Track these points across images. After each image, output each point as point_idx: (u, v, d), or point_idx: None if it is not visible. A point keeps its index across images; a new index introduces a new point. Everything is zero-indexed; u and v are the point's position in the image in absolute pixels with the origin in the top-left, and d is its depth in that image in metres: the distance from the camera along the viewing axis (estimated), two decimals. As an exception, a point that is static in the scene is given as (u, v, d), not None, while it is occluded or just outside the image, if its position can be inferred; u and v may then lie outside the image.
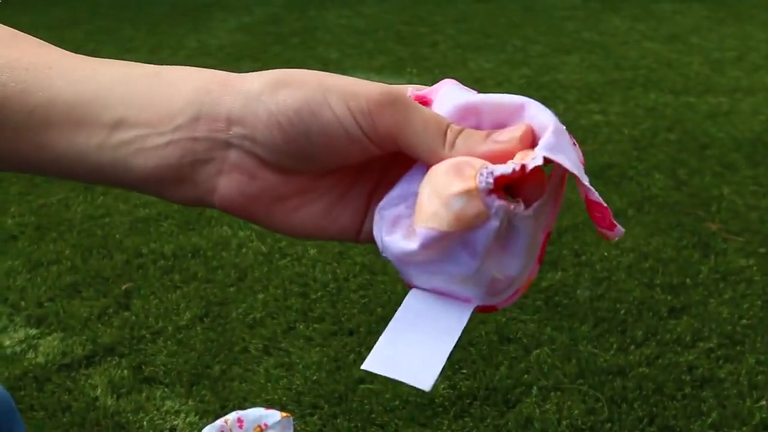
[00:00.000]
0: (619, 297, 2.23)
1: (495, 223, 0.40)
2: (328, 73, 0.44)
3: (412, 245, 0.42)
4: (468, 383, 1.92)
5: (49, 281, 2.43)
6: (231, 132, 0.44)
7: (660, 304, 2.19)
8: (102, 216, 2.87)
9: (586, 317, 2.13)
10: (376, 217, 0.44)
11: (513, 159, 0.41)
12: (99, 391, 1.95)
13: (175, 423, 1.84)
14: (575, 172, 0.41)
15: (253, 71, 0.44)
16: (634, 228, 2.58)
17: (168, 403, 1.90)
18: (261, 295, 2.30)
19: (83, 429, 1.84)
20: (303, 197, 0.46)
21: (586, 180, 0.41)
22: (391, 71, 4.34)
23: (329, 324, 2.16)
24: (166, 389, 1.95)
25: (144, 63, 0.47)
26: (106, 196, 3.04)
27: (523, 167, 0.40)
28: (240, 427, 1.50)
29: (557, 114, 0.43)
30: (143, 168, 0.45)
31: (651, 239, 2.51)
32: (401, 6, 5.89)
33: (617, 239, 0.40)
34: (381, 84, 0.43)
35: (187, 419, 1.85)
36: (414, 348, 0.42)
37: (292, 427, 1.49)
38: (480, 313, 0.43)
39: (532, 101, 0.44)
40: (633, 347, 2.02)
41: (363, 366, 0.41)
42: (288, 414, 1.51)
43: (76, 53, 0.49)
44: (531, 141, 0.42)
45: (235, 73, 0.45)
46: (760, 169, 2.97)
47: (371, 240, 0.47)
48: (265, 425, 1.49)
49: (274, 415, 1.51)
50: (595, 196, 0.41)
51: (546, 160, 0.40)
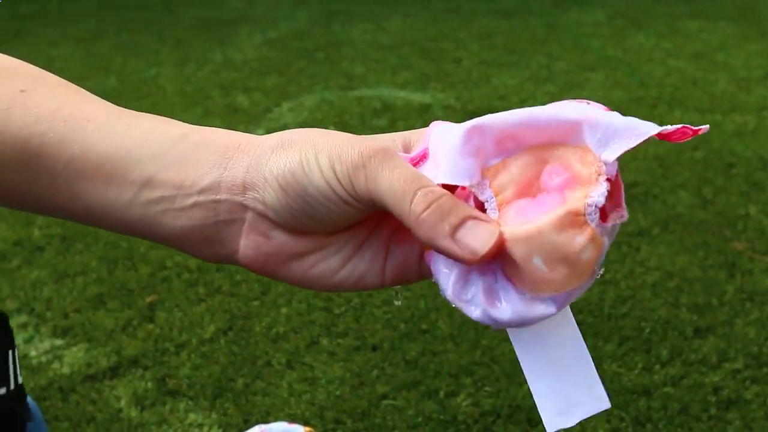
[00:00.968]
0: (644, 316, 2.21)
1: (608, 244, 0.39)
2: (327, 132, 0.46)
3: (550, 309, 0.41)
4: (491, 401, 1.91)
5: (75, 292, 2.44)
6: (246, 195, 0.46)
7: (685, 323, 2.17)
8: (127, 228, 2.89)
9: (610, 336, 2.12)
10: (456, 300, 0.42)
11: (581, 179, 0.40)
12: (123, 403, 1.96)
13: (199, 436, 1.85)
14: (638, 139, 0.40)
15: (279, 85, 0.45)
16: (659, 246, 2.57)
17: (191, 416, 1.91)
18: (284, 309, 2.31)
19: (107, 440, 1.85)
20: (318, 254, 0.47)
21: (650, 128, 0.40)
22: (415, 87, 4.35)
23: (352, 339, 2.16)
24: (189, 402, 1.96)
25: (169, 78, 0.49)
26: (131, 208, 3.06)
27: (612, 182, 0.39)
28: (264, 442, 1.50)
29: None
30: (171, 227, 0.47)
31: (676, 258, 2.50)
32: (425, 22, 5.91)
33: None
34: (367, 142, 0.44)
35: (211, 432, 1.85)
36: (568, 383, 0.42)
37: (315, 443, 1.49)
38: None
39: (560, 110, 0.42)
40: (658, 367, 2.01)
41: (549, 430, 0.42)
42: (311, 429, 1.51)
43: (104, 68, 0.51)
44: (501, 245, 0.40)
45: (254, 136, 0.47)
46: (786, 189, 2.95)
47: (398, 282, 0.48)
48: (289, 440, 1.49)
49: (297, 430, 1.52)
50: (670, 129, 0.40)
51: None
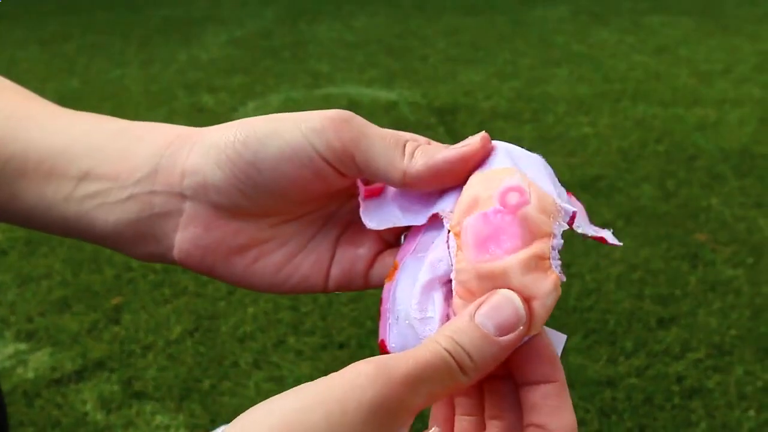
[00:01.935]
0: (609, 308, 2.23)
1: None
2: (290, 112, 0.44)
3: None
4: (458, 395, 1.91)
5: (39, 296, 2.42)
6: (184, 183, 0.44)
7: (649, 314, 2.19)
8: (92, 230, 2.86)
9: (576, 329, 2.13)
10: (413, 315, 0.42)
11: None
12: (89, 406, 1.94)
13: (165, 437, 1.84)
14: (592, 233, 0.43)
15: (244, 85, 0.44)
16: (623, 239, 2.58)
17: (158, 418, 1.89)
18: (251, 309, 2.30)
19: (73, 444, 1.83)
20: (261, 247, 0.46)
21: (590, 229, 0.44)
22: (382, 84, 4.35)
23: (319, 337, 2.15)
24: (156, 404, 1.94)
25: (134, 78, 0.48)
26: (96, 210, 3.03)
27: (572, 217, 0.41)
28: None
29: (545, 128, 0.43)
30: (104, 222, 0.45)
31: (640, 250, 2.52)
32: (392, 19, 5.91)
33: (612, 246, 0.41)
34: (339, 110, 0.43)
35: (177, 434, 1.84)
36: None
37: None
38: None
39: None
40: (622, 358, 2.02)
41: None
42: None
43: (68, 69, 0.50)
44: (489, 146, 0.42)
45: (206, 127, 0.45)
46: (747, 180, 2.98)
47: (342, 288, 0.47)
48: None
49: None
50: (597, 233, 0.43)
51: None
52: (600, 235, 0.42)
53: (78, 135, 0.46)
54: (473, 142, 0.42)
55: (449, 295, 0.41)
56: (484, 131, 0.43)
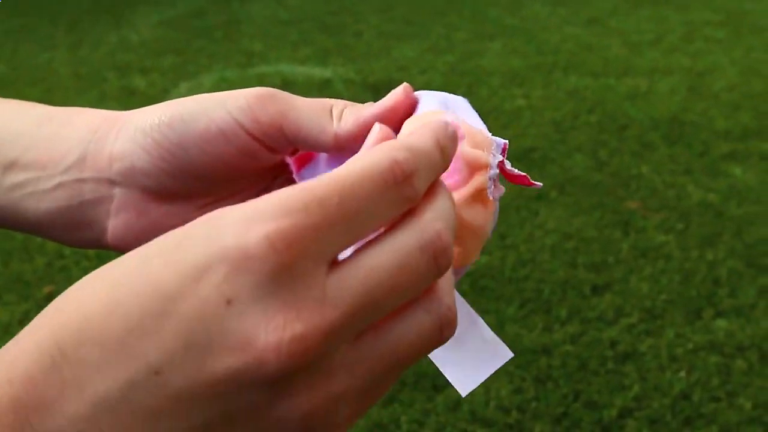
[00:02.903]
0: (544, 277, 2.26)
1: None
2: (215, 93, 0.43)
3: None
4: (396, 369, 1.92)
5: (-32, 287, 2.36)
6: (113, 168, 0.43)
7: (583, 282, 2.23)
8: (23, 218, 2.80)
9: (512, 299, 2.16)
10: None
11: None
12: (22, 396, 1.90)
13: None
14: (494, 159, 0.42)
15: (177, 65, 0.43)
16: (556, 209, 2.62)
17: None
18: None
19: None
20: None
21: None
22: (316, 62, 4.32)
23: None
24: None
25: (63, 61, 0.47)
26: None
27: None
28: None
29: (479, 101, 0.44)
30: (35, 212, 0.44)
31: (573, 219, 2.55)
32: (325, -4, 5.88)
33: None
34: (264, 87, 0.43)
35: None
36: (467, 348, 0.43)
37: None
38: None
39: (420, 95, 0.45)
40: (557, 326, 2.05)
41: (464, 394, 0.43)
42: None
43: None
44: (413, 95, 0.43)
45: (132, 111, 0.45)
46: (676, 148, 3.04)
47: None
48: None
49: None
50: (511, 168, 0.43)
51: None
52: (523, 174, 0.43)
53: (1, 123, 0.45)
54: (397, 92, 0.42)
55: None
56: (405, 82, 0.43)
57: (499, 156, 0.42)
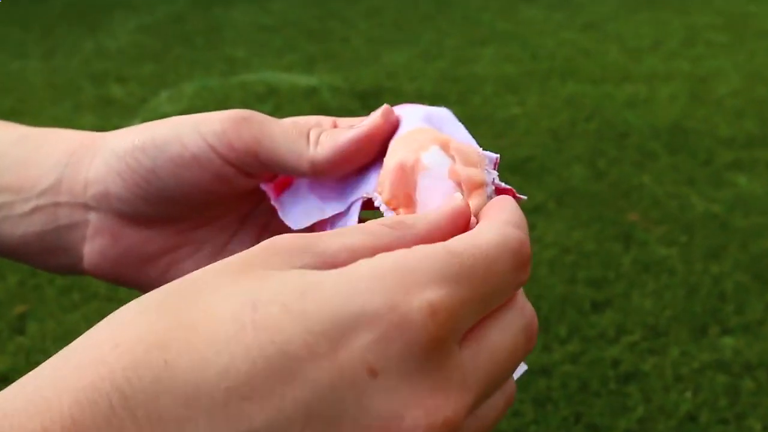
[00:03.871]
0: (542, 293, 2.25)
1: None
2: (190, 115, 0.44)
3: None
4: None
5: (-65, 308, 2.33)
6: (88, 193, 0.43)
7: (583, 299, 2.22)
8: (-7, 234, 2.77)
9: (508, 316, 2.14)
10: None
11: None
12: (-8, 424, 1.88)
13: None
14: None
15: (156, 74, 0.43)
16: (555, 222, 2.61)
17: (68, 432, 1.84)
18: (167, 311, 2.25)
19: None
20: (176, 253, 0.46)
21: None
22: (301, 69, 4.32)
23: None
24: (65, 417, 1.89)
25: (36, 70, 0.47)
26: (-3, 212, 2.94)
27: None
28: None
29: (472, 109, 0.44)
30: (10, 237, 0.45)
31: (572, 232, 2.55)
32: (311, 1, 5.87)
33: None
34: (238, 109, 0.43)
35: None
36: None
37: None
38: None
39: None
40: (556, 345, 2.04)
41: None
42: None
43: None
44: (393, 117, 0.43)
45: (108, 132, 0.45)
46: (679, 157, 3.04)
47: None
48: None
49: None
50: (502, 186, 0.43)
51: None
52: (509, 187, 0.43)
53: None
54: (375, 116, 0.42)
55: None
56: (385, 104, 0.43)
57: (494, 172, 0.41)
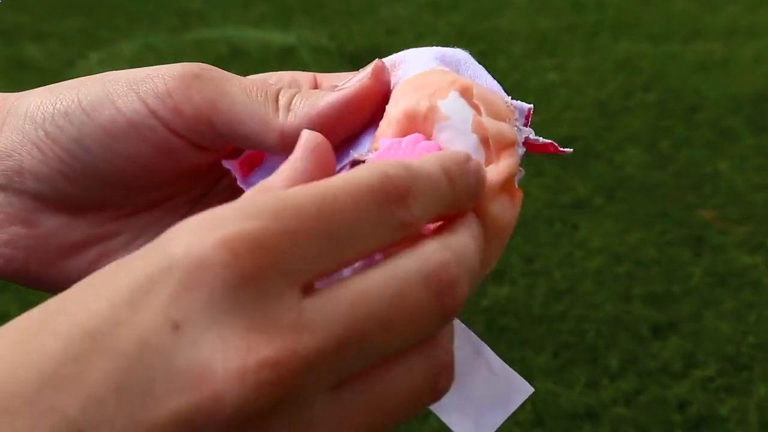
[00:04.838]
0: (587, 315, 2.25)
1: None
2: (128, 70, 0.43)
3: None
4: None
5: None
6: None
7: (640, 321, 2.22)
8: None
9: (543, 344, 2.14)
10: None
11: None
12: None
13: None
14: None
15: (85, 30, 0.43)
16: (603, 222, 2.61)
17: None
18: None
19: None
20: (105, 245, 0.46)
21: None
22: (274, 23, 4.32)
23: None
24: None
25: None
26: None
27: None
28: None
29: (497, 74, 0.44)
30: None
31: (626, 235, 2.54)
32: (287, -65, 5.89)
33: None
34: (189, 63, 0.43)
35: None
36: (473, 388, 0.45)
37: None
38: None
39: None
40: (606, 381, 2.04)
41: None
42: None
43: None
44: (385, 77, 0.43)
45: (23, 93, 0.45)
46: (766, 137, 3.04)
47: None
48: None
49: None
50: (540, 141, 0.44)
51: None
52: (548, 141, 0.44)
53: None
54: (363, 75, 0.43)
55: None
56: (377, 59, 0.44)
57: (526, 129, 0.43)
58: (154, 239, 0.46)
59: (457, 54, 0.44)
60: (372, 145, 0.43)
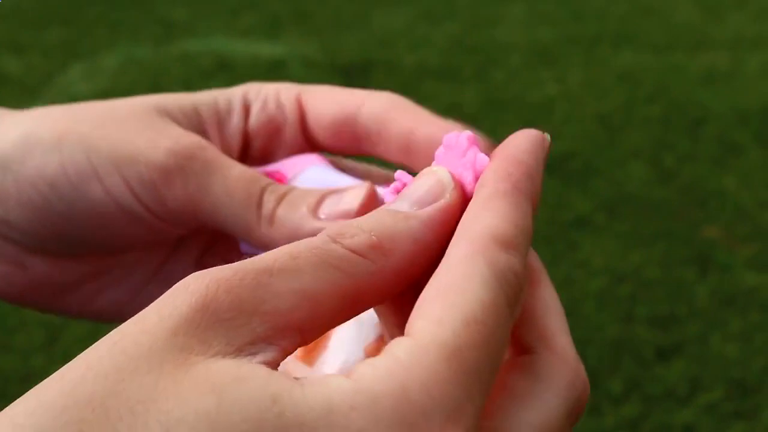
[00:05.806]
0: (588, 337, 2.25)
1: None
2: (103, 116, 0.43)
3: None
4: None
5: None
6: None
7: (644, 344, 2.22)
8: None
9: (542, 368, 2.14)
10: None
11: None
12: None
13: None
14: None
15: (66, 41, 0.43)
16: (606, 240, 2.61)
17: None
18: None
19: None
20: (100, 280, 0.47)
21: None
22: (262, 34, 4.32)
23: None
24: None
25: None
26: None
27: None
28: None
29: (493, 87, 0.43)
30: None
31: (629, 254, 2.55)
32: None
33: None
34: (173, 134, 0.43)
35: None
36: None
37: None
38: None
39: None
40: (608, 406, 2.04)
41: None
42: None
43: None
44: (374, 202, 0.42)
45: (8, 114, 0.45)
46: (773, 151, 3.04)
47: None
48: None
49: None
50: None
51: None
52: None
53: None
54: (351, 206, 0.42)
55: None
56: (368, 183, 0.43)
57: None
58: (142, 275, 0.48)
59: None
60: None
